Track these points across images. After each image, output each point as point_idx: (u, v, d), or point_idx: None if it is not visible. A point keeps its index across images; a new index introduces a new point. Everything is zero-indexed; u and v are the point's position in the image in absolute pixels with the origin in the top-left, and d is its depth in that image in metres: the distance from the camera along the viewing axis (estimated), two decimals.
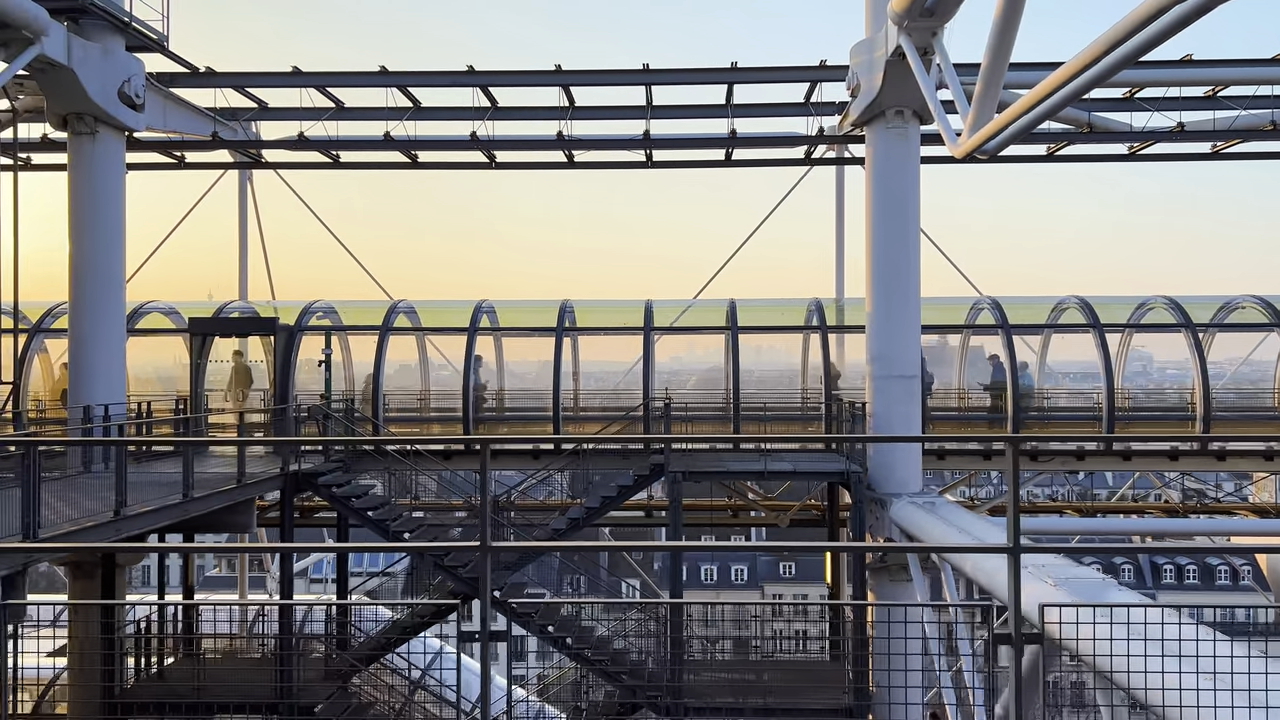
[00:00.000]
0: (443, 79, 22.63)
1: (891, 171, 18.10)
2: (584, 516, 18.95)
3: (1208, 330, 21.77)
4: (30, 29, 16.03)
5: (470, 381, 20.97)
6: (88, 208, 18.45)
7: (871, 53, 17.72)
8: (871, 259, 18.29)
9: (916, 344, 18.31)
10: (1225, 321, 22.08)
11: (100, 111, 18.11)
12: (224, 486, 15.03)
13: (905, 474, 17.87)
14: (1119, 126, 22.31)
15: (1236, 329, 22.16)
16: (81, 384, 18.32)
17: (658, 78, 22.09)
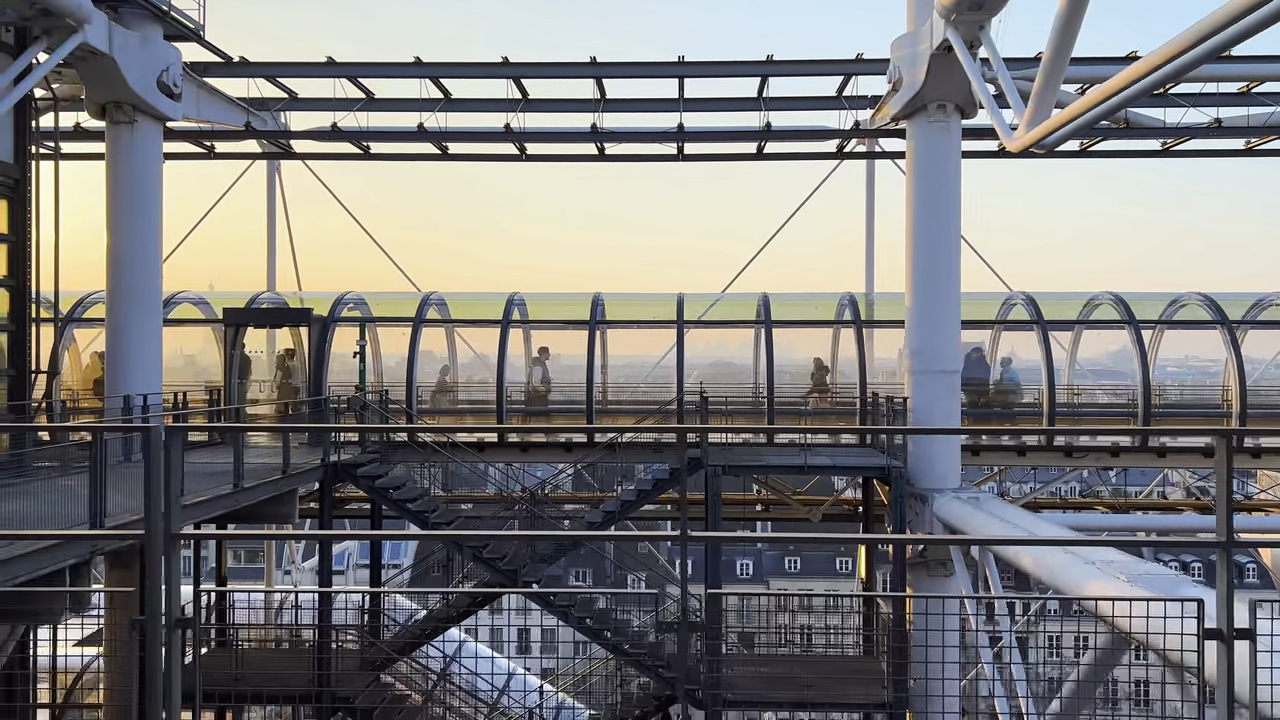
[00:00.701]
0: (476, 70, 22.57)
1: (933, 165, 18.04)
2: (619, 510, 18.95)
3: (1240, 326, 21.70)
4: (74, 17, 15.96)
5: (504, 374, 20.93)
6: (126, 197, 18.40)
7: (915, 46, 17.65)
8: (912, 253, 18.23)
9: (956, 339, 18.28)
10: (1258, 319, 22.00)
11: (139, 100, 18.05)
12: (269, 477, 14.99)
13: (944, 469, 17.83)
14: (1152, 122, 22.24)
15: (1270, 326, 22.08)
16: (119, 373, 18.27)
17: (691, 70, 22.03)
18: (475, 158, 24.71)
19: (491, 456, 20.77)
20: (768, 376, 20.84)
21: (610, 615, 18.24)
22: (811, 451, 17.92)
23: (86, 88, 18.08)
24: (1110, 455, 20.64)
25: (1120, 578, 9.46)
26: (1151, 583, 9.17)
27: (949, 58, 16.81)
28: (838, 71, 21.95)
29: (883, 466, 17.29)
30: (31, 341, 17.01)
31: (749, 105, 22.95)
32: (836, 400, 23.30)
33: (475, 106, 23.30)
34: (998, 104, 18.70)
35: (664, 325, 22.24)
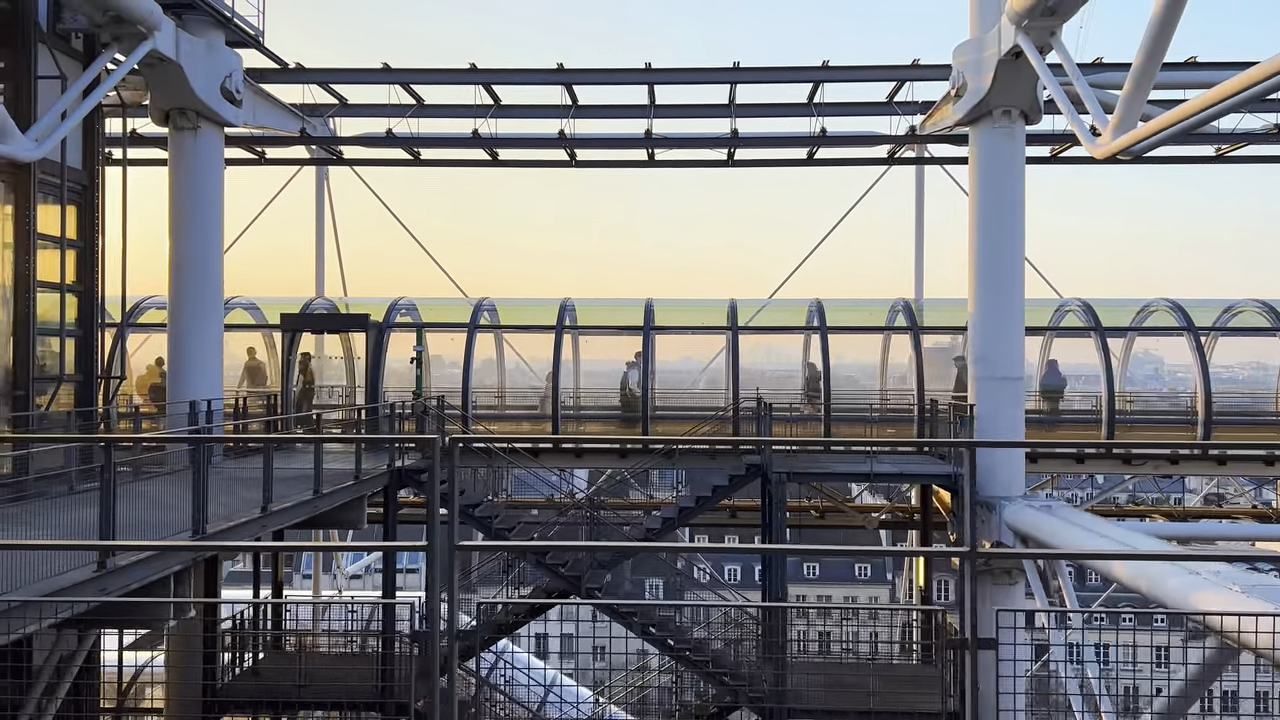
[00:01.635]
0: (528, 76, 22.60)
1: (998, 171, 17.96)
2: (677, 516, 18.92)
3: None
4: (145, 24, 16.04)
5: (559, 380, 20.92)
6: (188, 203, 18.47)
7: (980, 52, 17.58)
8: (976, 259, 18.15)
9: (1021, 345, 18.19)
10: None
11: (204, 107, 18.11)
12: (341, 484, 14.99)
13: (1009, 477, 17.72)
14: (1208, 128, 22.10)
15: None
16: (180, 379, 18.33)
17: (743, 76, 21.99)
18: (525, 164, 24.75)
19: (546, 462, 20.72)
20: (824, 382, 20.75)
21: (673, 622, 18.17)
22: (875, 459, 17.81)
23: (152, 94, 18.16)
24: (1170, 463, 20.48)
25: (1233, 589, 9.36)
26: (1270, 594, 9.07)
27: (1017, 63, 16.75)
28: (891, 77, 21.91)
29: (949, 474, 17.18)
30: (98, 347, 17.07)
31: (801, 111, 22.93)
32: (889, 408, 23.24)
33: (526, 113, 23.36)
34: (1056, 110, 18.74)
35: (717, 331, 22.22)
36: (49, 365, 15.96)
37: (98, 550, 8.41)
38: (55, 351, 16.07)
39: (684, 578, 37.03)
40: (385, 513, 17.58)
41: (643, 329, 21.41)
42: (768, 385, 24.52)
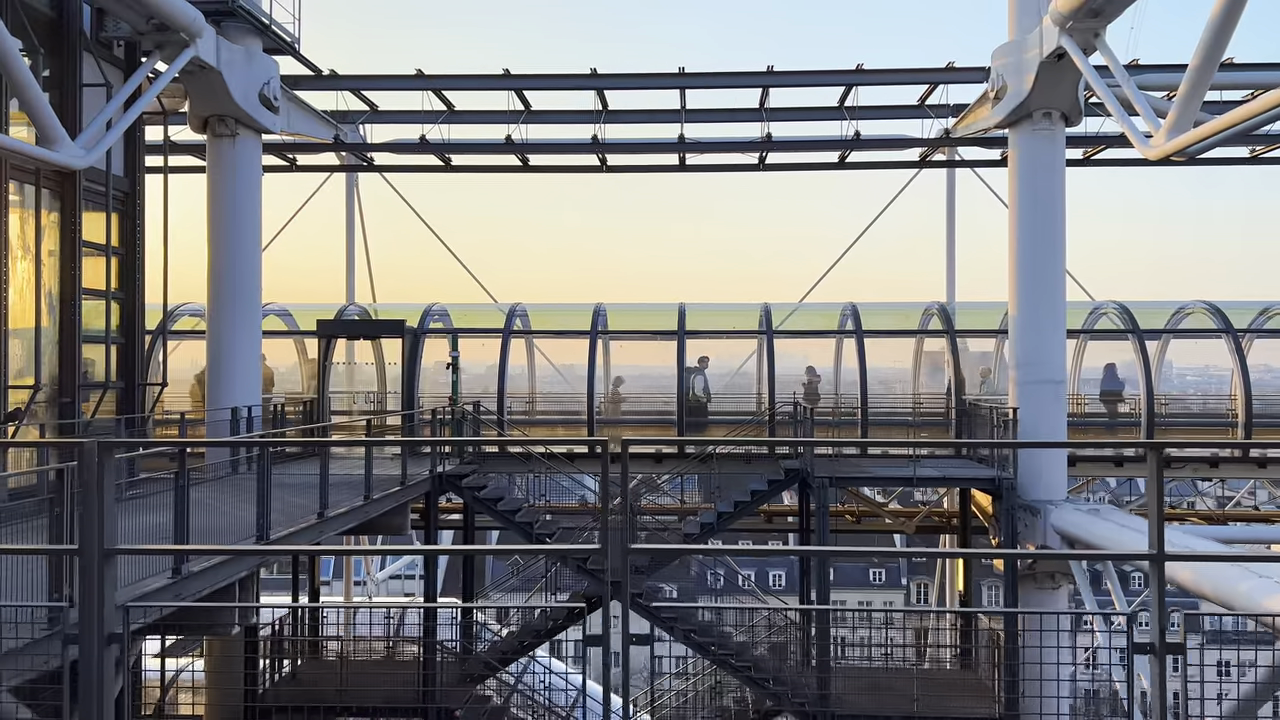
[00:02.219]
0: (560, 82, 22.63)
1: (1039, 173, 17.89)
2: (716, 521, 18.84)
3: None
4: (188, 31, 16.07)
5: (594, 385, 20.89)
6: (227, 210, 18.50)
7: (1020, 54, 17.51)
8: (1017, 262, 18.07)
9: (1063, 348, 18.10)
10: None
11: (242, 114, 18.15)
12: (390, 489, 14.98)
13: (1051, 480, 17.62)
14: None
15: None
16: (220, 385, 18.35)
17: (776, 80, 21.96)
18: (556, 169, 24.73)
19: (583, 467, 20.68)
20: (861, 386, 20.67)
21: (713, 628, 18.10)
22: (916, 463, 17.73)
23: (191, 101, 18.21)
24: (1209, 465, 20.36)
25: None
26: None
27: (1059, 65, 16.69)
28: (925, 80, 21.86)
29: (992, 478, 17.09)
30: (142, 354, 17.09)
31: (832, 114, 22.89)
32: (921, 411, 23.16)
33: (557, 118, 23.36)
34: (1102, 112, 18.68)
35: (751, 335, 22.18)
36: (92, 372, 15.98)
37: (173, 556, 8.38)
38: (99, 359, 16.09)
39: (726, 582, 36.93)
40: (427, 518, 17.56)
41: (676, 333, 21.36)
42: (800, 389, 24.51)
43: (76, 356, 15.14)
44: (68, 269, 15.04)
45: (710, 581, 65.85)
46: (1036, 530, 16.89)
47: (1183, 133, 12.33)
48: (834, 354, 23.98)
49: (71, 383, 15.01)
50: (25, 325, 14.22)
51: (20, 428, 13.71)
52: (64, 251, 15.08)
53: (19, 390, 13.94)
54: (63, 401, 14.97)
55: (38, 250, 14.44)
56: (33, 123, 13.06)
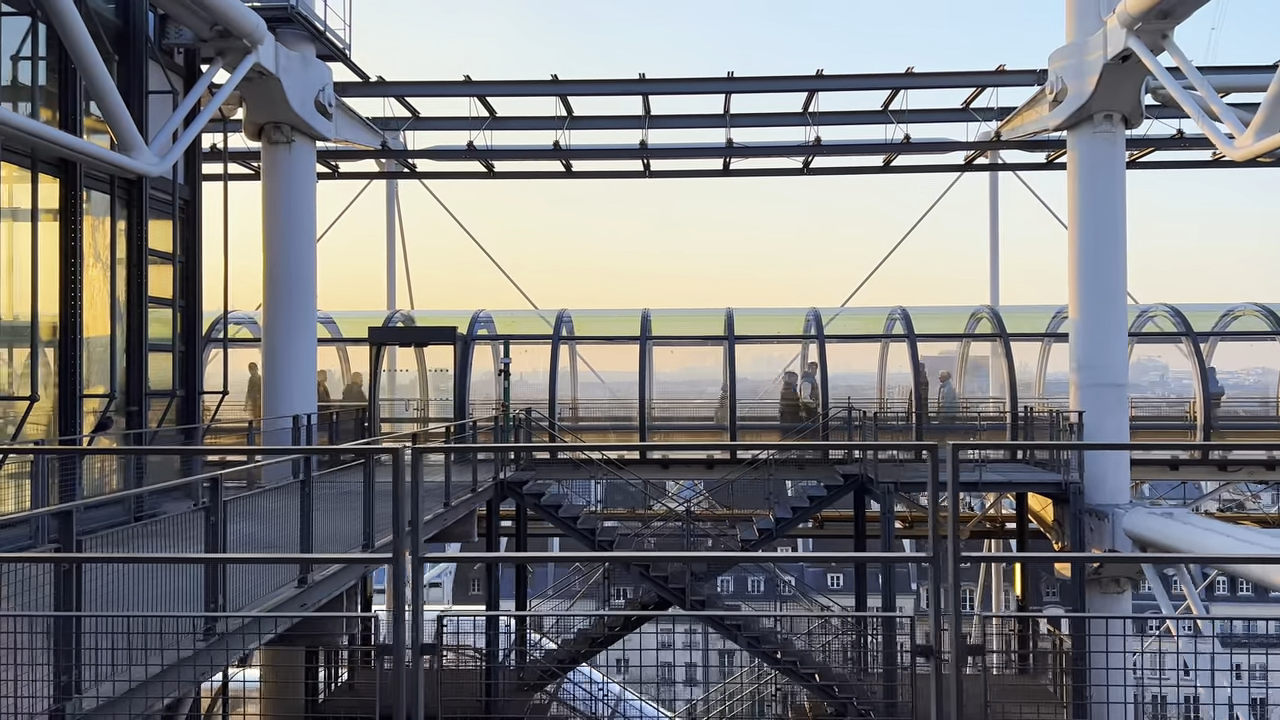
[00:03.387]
0: (605, 87, 22.56)
1: (1099, 176, 17.82)
2: (776, 526, 18.75)
3: None
4: (250, 38, 16.01)
5: (645, 391, 20.80)
6: (283, 217, 18.42)
7: (1081, 56, 17.45)
8: (1078, 265, 17.99)
9: (1124, 351, 18.05)
10: None
11: (299, 121, 18.09)
12: (462, 495, 14.87)
13: (1116, 484, 17.53)
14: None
15: None
16: (278, 393, 18.25)
17: (823, 84, 21.88)
18: (600, 175, 24.66)
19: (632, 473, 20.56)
20: (914, 390, 20.59)
21: (775, 635, 17.99)
22: (982, 468, 17.65)
23: (247, 108, 18.14)
24: (1265, 468, 20.27)
25: None
26: None
27: (1124, 67, 16.64)
28: (973, 83, 21.77)
29: (1058, 482, 17.00)
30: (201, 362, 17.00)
31: (877, 118, 22.80)
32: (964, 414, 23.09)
33: (601, 124, 23.26)
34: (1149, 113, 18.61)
35: (801, 340, 22.12)
36: (156, 381, 15.88)
37: (295, 564, 8.27)
38: (162, 367, 15.99)
39: (788, 587, 36.81)
40: (489, 525, 17.46)
41: (725, 338, 21.28)
42: (850, 394, 24.39)
43: (144, 365, 15.05)
44: (135, 277, 14.95)
45: (763, 585, 65.92)
46: (1104, 534, 16.78)
47: (1273, 133, 12.26)
48: (879, 357, 23.96)
49: (139, 391, 14.91)
50: (97, 334, 14.12)
51: (101, 436, 13.63)
52: (130, 259, 14.99)
53: (91, 399, 13.86)
54: (130, 410, 14.87)
55: (113, 259, 14.36)
56: (112, 130, 13.00)
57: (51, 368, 13.04)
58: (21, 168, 12.42)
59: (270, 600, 7.73)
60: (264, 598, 7.70)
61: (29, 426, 12.31)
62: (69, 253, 13.22)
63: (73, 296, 13.22)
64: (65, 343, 13.15)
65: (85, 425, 13.56)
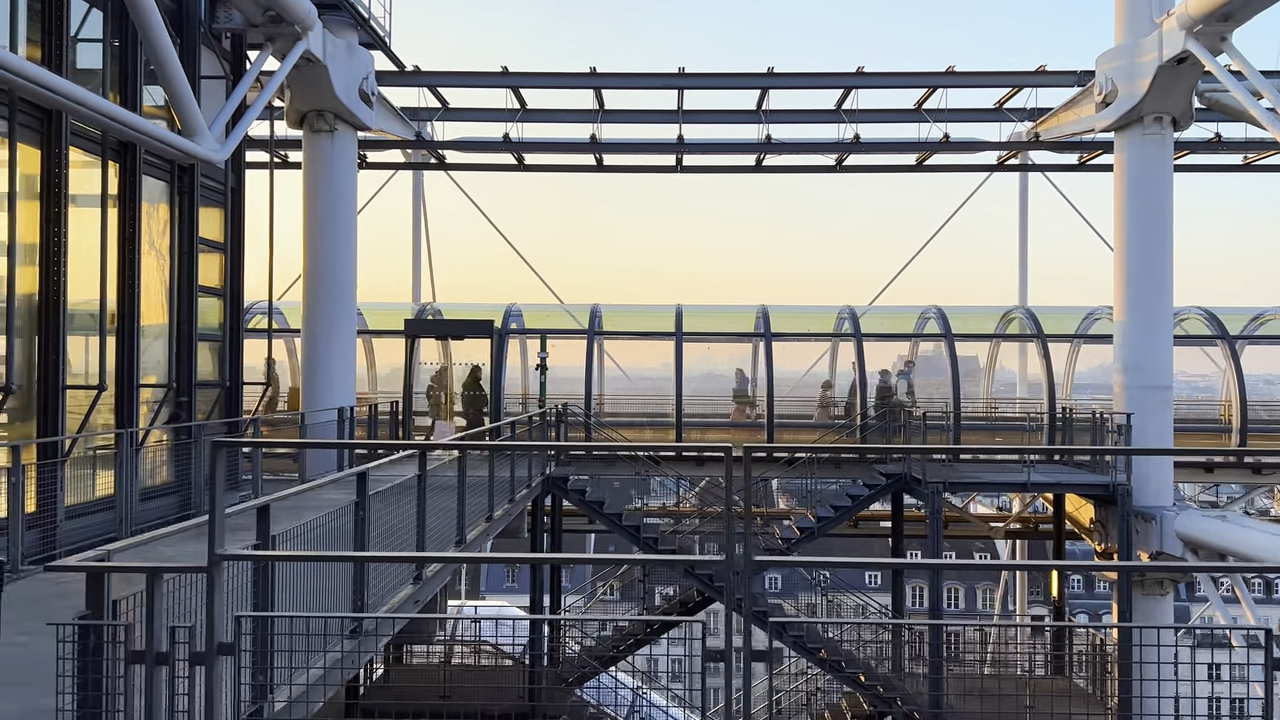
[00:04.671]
0: (642, 81, 22.42)
1: (1148, 177, 17.81)
2: (817, 526, 18.68)
3: None
4: (302, 24, 15.77)
5: (681, 386, 20.67)
6: (325, 207, 18.16)
7: (1133, 58, 17.43)
8: (1125, 267, 17.99)
9: (1170, 353, 18.02)
10: None
11: (343, 109, 17.83)
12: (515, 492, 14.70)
13: (1160, 486, 17.56)
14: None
15: None
16: (317, 385, 18.00)
17: (860, 81, 21.80)
18: (631, 169, 24.50)
19: (667, 469, 20.45)
20: (953, 390, 20.55)
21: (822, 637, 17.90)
22: (1021, 469, 17.63)
23: (292, 96, 17.87)
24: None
25: None
26: None
27: (1178, 70, 16.65)
28: (1012, 83, 21.79)
29: (1106, 484, 16.99)
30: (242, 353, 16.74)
31: (910, 116, 22.75)
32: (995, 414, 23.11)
33: (633, 118, 23.12)
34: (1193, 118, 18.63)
35: (833, 338, 22.06)
36: (202, 372, 15.61)
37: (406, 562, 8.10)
38: (209, 358, 15.74)
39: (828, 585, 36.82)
40: (534, 522, 17.29)
41: (763, 335, 21.18)
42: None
43: (193, 355, 14.79)
44: (185, 265, 14.68)
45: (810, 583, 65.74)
46: (1151, 536, 16.79)
47: None
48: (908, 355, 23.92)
49: (188, 382, 14.65)
50: (152, 322, 13.86)
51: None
52: (180, 247, 14.71)
53: (146, 389, 13.60)
54: (180, 400, 14.61)
55: (173, 247, 14.11)
56: (177, 114, 12.76)
57: (111, 357, 12.77)
58: (88, 153, 12.15)
59: (396, 596, 7.56)
60: (388, 594, 7.52)
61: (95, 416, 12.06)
62: (128, 240, 12.96)
63: (132, 284, 12.96)
64: (123, 331, 12.89)
65: (141, 416, 13.31)
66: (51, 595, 7.61)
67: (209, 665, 3.59)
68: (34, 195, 11.08)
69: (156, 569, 3.59)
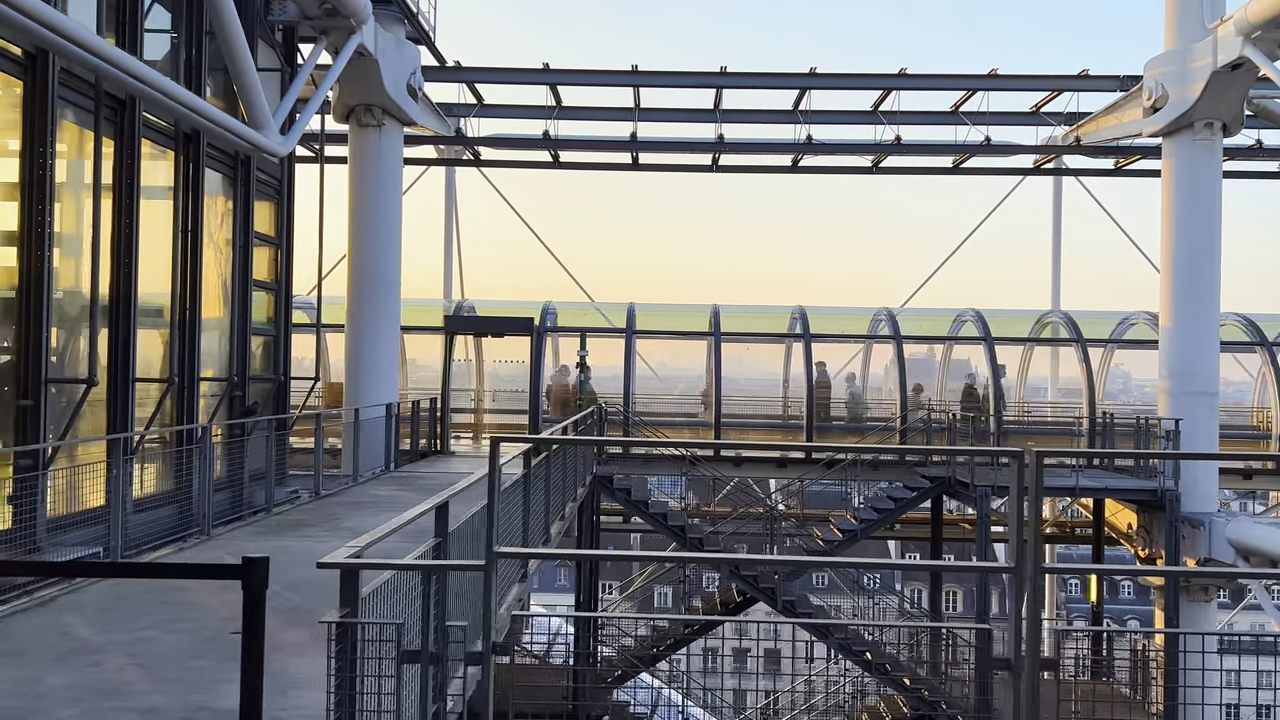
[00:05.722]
0: (683, 79, 22.35)
1: (1197, 183, 17.80)
2: (859, 528, 18.63)
3: None
4: (357, 17, 15.66)
5: (720, 387, 20.63)
6: (371, 203, 18.07)
7: (1184, 63, 17.41)
8: (1172, 272, 17.97)
9: (1216, 359, 18.02)
10: None
11: (391, 104, 17.75)
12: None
13: (1206, 492, 17.55)
14: None
15: None
16: (363, 380, 17.93)
17: (903, 83, 21.77)
18: (667, 168, 24.44)
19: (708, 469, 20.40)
20: (993, 392, 20.53)
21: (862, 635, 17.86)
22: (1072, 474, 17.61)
23: (341, 90, 17.76)
24: None
25: None
26: None
27: (1232, 75, 16.63)
28: (1051, 87, 21.77)
29: (1155, 489, 16.98)
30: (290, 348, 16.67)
31: (947, 119, 22.72)
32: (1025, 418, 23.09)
33: (672, 117, 23.05)
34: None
35: (870, 339, 22.03)
36: (255, 366, 15.54)
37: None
38: (260, 352, 15.67)
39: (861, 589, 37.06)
40: (580, 521, 17.22)
41: (803, 336, 21.14)
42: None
43: (247, 350, 14.71)
44: (240, 258, 14.60)
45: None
46: (1198, 542, 16.77)
47: None
48: (941, 357, 23.93)
49: (243, 377, 14.57)
50: (211, 315, 13.77)
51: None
52: (236, 241, 14.63)
53: (204, 383, 13.51)
54: (234, 395, 14.53)
55: (234, 240, 14.03)
56: (245, 106, 12.65)
57: (175, 350, 12.69)
58: (156, 145, 12.07)
59: (510, 593, 7.51)
60: (505, 592, 7.47)
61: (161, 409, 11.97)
62: (190, 232, 12.87)
63: (195, 277, 12.87)
64: (186, 324, 12.81)
65: (200, 410, 13.22)
66: (140, 593, 7.58)
67: (485, 665, 3.53)
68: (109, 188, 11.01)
69: (433, 566, 3.53)
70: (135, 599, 7.31)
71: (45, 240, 9.51)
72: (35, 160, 9.47)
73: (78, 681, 5.36)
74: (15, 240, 9.37)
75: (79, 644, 6.08)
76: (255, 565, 2.54)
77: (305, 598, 7.59)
